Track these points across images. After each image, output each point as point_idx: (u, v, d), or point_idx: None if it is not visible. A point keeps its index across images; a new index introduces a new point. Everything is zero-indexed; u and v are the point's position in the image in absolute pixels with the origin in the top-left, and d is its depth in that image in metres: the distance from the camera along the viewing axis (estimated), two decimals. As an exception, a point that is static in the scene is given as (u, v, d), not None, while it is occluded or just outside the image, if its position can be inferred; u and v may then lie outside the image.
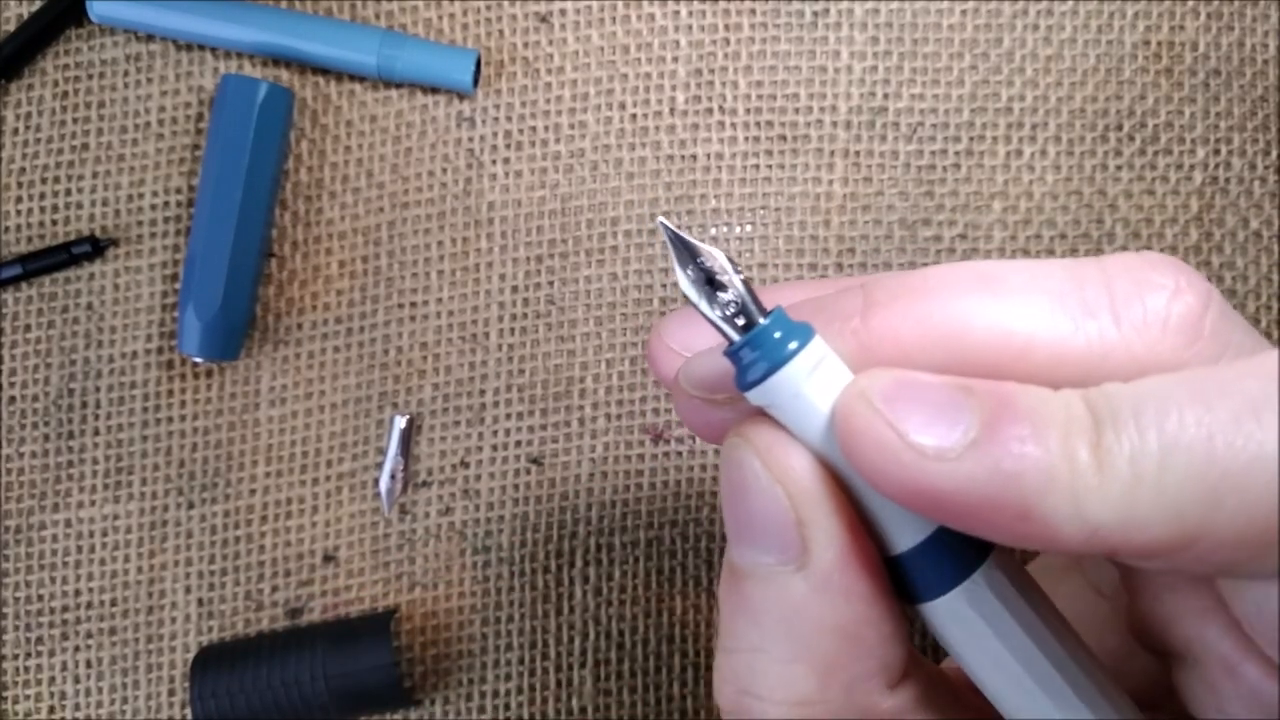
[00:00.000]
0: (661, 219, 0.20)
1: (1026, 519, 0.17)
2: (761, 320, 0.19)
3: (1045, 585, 0.24)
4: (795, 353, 0.18)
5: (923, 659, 0.21)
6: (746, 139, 0.38)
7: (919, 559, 0.19)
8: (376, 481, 0.37)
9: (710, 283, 0.19)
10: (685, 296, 0.19)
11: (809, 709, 0.19)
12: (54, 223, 0.38)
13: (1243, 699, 0.20)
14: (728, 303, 0.19)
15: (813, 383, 0.18)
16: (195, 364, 0.38)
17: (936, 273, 0.20)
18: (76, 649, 0.37)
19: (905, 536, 0.19)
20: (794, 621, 0.19)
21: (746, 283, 0.19)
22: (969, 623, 0.19)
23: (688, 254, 0.19)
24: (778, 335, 0.18)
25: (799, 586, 0.19)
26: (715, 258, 0.19)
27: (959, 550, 0.19)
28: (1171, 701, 0.22)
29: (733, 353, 0.19)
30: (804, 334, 0.19)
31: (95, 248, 0.38)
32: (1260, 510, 0.16)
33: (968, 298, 0.19)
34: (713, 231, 0.37)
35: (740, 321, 0.19)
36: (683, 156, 0.38)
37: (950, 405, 0.18)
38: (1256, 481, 0.16)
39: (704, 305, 0.19)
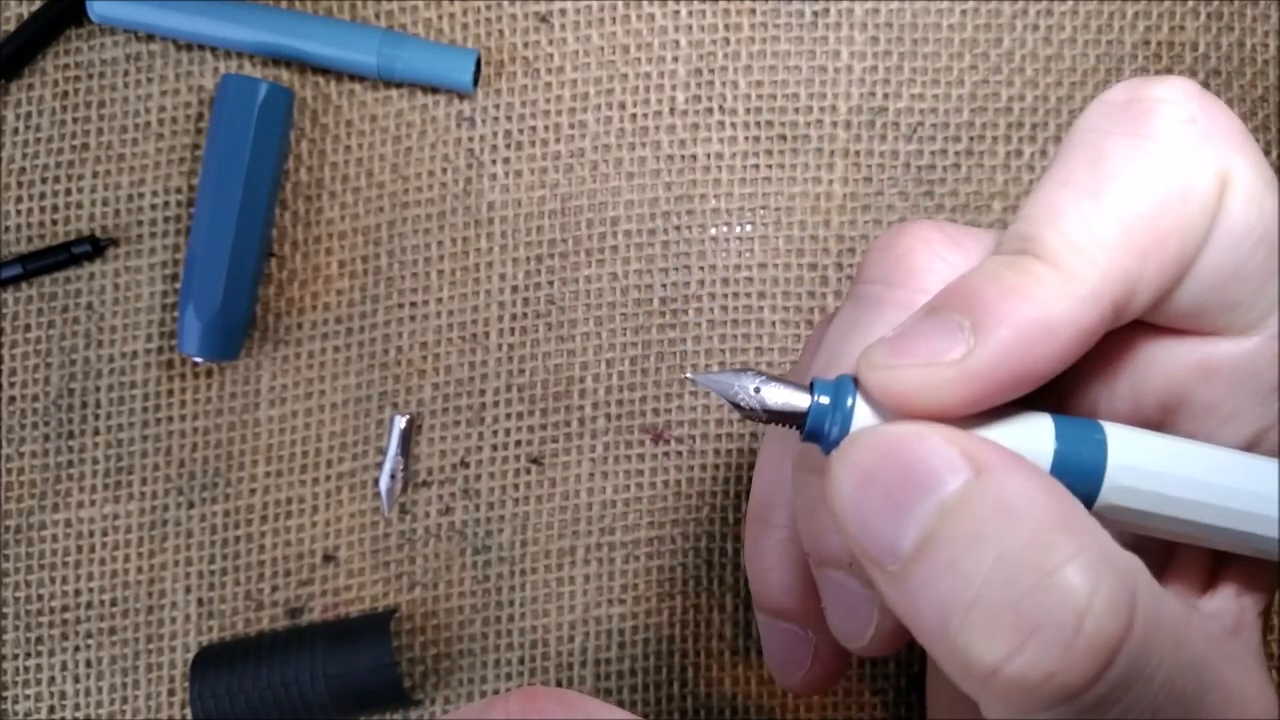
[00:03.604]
0: (689, 374, 0.23)
1: (1051, 333, 0.20)
2: (810, 397, 0.21)
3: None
4: (854, 403, 0.21)
5: None
6: (746, 139, 0.38)
7: (1063, 457, 0.21)
8: (376, 481, 0.37)
9: (757, 392, 0.21)
10: (753, 420, 0.21)
11: (1102, 569, 0.18)
12: (54, 223, 0.38)
13: (1233, 391, 0.23)
14: (779, 404, 0.21)
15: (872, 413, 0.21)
16: (195, 364, 0.38)
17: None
18: (76, 649, 0.37)
19: (1041, 443, 0.21)
20: (1013, 511, 0.18)
21: (778, 377, 0.21)
22: (1139, 498, 0.21)
23: (728, 387, 0.21)
24: (829, 400, 0.21)
25: (992, 482, 0.19)
26: (743, 377, 0.21)
27: (1083, 434, 0.21)
28: None
29: (810, 435, 0.21)
30: (845, 385, 0.21)
31: (95, 248, 0.38)
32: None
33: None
34: (712, 232, 0.37)
35: (792, 409, 0.21)
36: (683, 156, 0.38)
37: (937, 320, 0.20)
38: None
39: (765, 419, 0.21)
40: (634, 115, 0.38)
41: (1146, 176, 0.21)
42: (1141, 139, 0.21)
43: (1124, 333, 0.22)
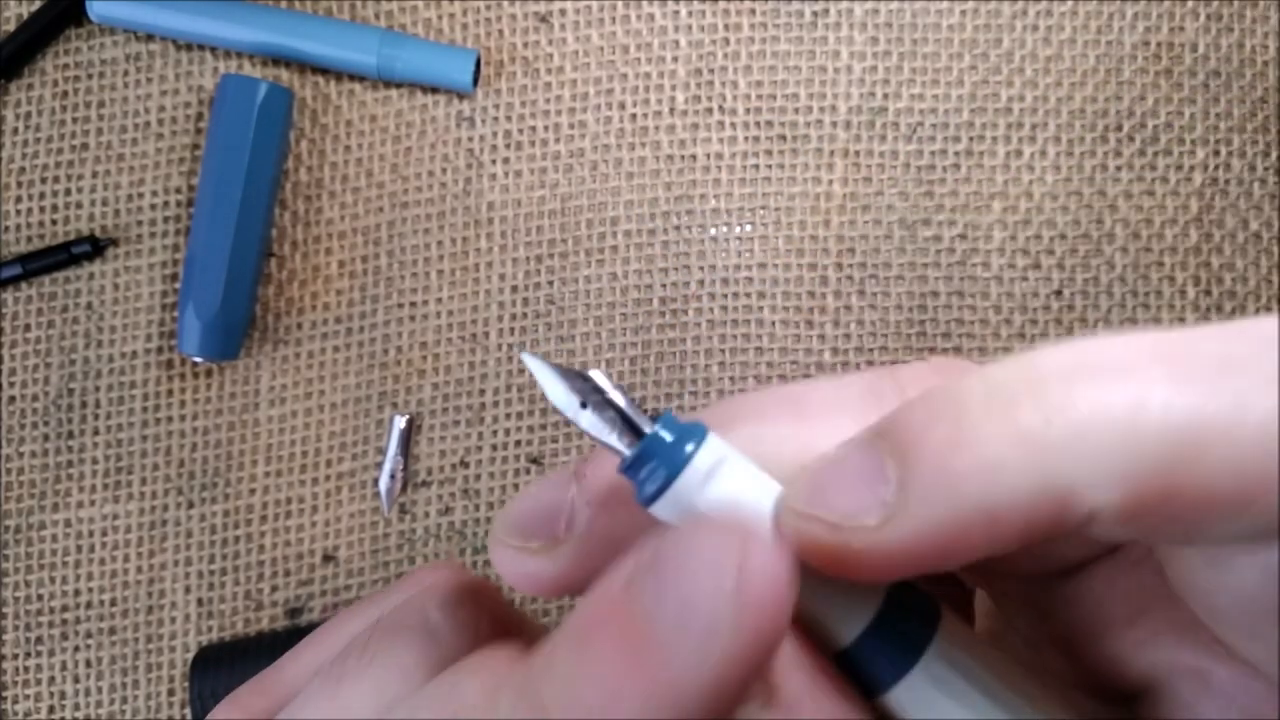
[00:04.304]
0: (525, 354, 0.19)
1: (995, 520, 0.16)
2: (650, 429, 0.17)
3: None
4: (693, 454, 0.17)
5: None
6: (746, 139, 0.38)
7: (873, 642, 0.18)
8: (376, 481, 0.37)
9: (585, 406, 0.18)
10: (568, 421, 0.18)
11: None
12: (54, 223, 0.38)
13: (1220, 708, 0.19)
14: (611, 419, 0.18)
15: (720, 482, 0.17)
16: (195, 364, 0.38)
17: (740, 401, 0.19)
18: (76, 649, 0.37)
19: (851, 622, 0.18)
20: None
21: (628, 395, 0.18)
22: (940, 696, 0.18)
23: (562, 384, 0.18)
24: (670, 440, 0.17)
25: None
26: (589, 379, 0.18)
27: (910, 621, 0.18)
28: None
29: (626, 468, 0.17)
30: (698, 433, 0.17)
31: (95, 248, 0.38)
32: (1244, 459, 0.15)
33: (774, 426, 0.19)
34: (712, 231, 0.37)
35: (625, 440, 0.18)
36: (683, 156, 0.38)
37: (867, 467, 0.17)
38: (1242, 434, 0.15)
39: (589, 428, 0.18)
40: (634, 115, 0.38)
41: None
42: None
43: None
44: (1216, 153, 0.37)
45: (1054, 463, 0.15)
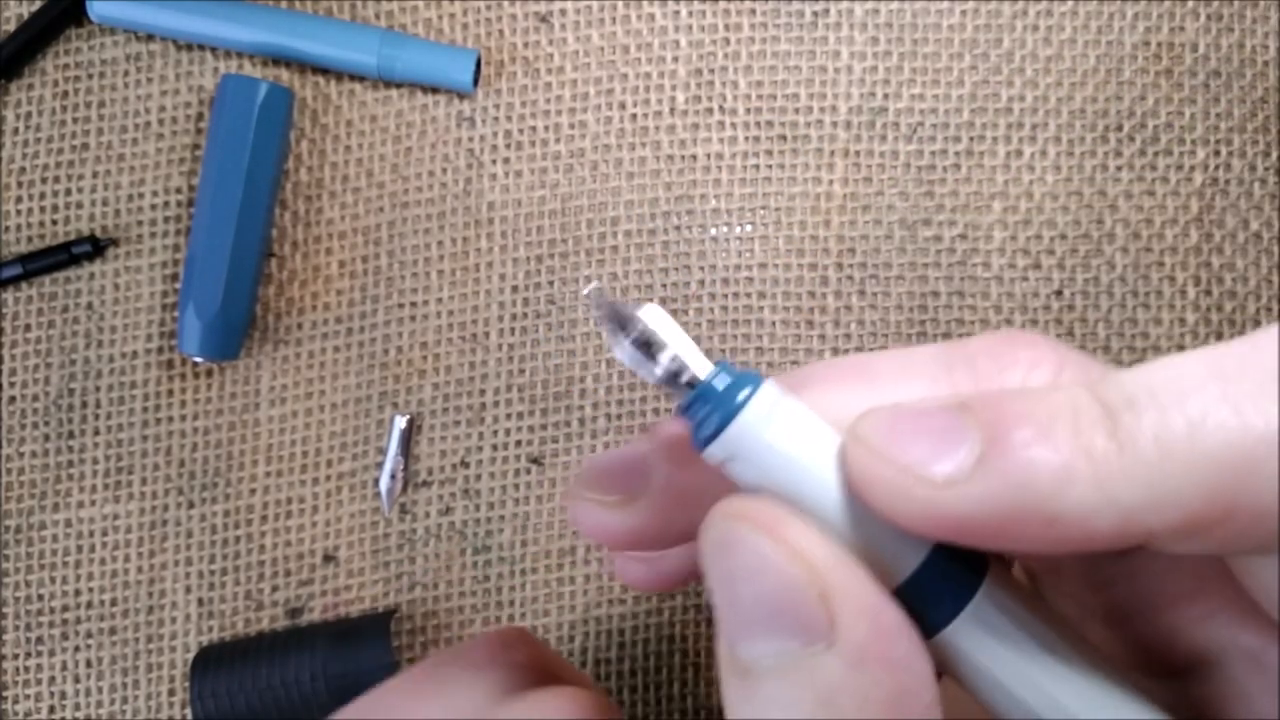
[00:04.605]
0: (592, 287, 0.19)
1: (1054, 522, 0.16)
2: (706, 372, 0.18)
3: None
4: (749, 399, 0.18)
5: None
6: (746, 139, 0.38)
7: (924, 583, 0.18)
8: (376, 481, 0.37)
9: (649, 345, 0.18)
10: (623, 364, 0.18)
11: None
12: (54, 223, 0.38)
13: (1271, 685, 0.20)
14: (671, 359, 0.18)
15: (773, 428, 0.18)
16: (195, 364, 0.38)
17: (809, 368, 0.20)
18: (76, 649, 0.37)
19: (905, 562, 0.18)
20: (834, 706, 0.17)
21: (687, 339, 0.18)
22: (990, 639, 0.19)
23: (619, 324, 0.19)
24: (727, 385, 0.18)
25: (833, 666, 0.17)
26: (651, 314, 0.18)
27: (960, 566, 0.19)
28: None
29: (684, 409, 0.18)
30: (754, 381, 0.18)
31: (95, 248, 0.38)
32: None
33: (844, 391, 0.19)
34: (713, 232, 0.37)
35: (686, 379, 0.18)
36: (683, 156, 0.38)
37: (950, 428, 0.17)
38: None
39: (643, 369, 0.18)
40: (634, 115, 0.38)
41: None
42: None
43: None
44: (1217, 153, 0.37)
45: (1121, 488, 0.16)
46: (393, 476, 0.37)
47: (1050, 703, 0.18)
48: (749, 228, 0.37)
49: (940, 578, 0.18)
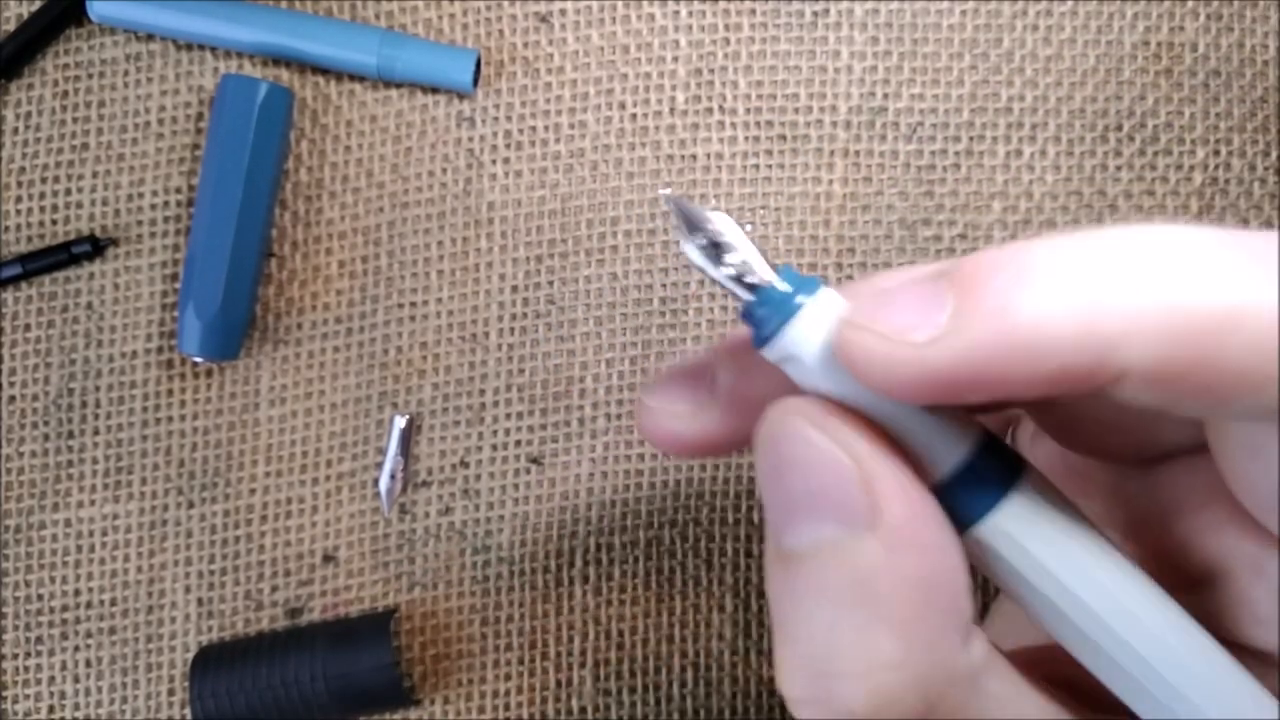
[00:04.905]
0: (665, 191, 0.20)
1: (1033, 355, 0.17)
2: (770, 276, 0.19)
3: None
4: (804, 304, 0.19)
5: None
6: (746, 139, 0.38)
7: (965, 479, 0.19)
8: (376, 481, 0.37)
9: (716, 247, 0.19)
10: (692, 264, 0.19)
11: (894, 674, 0.18)
12: (54, 222, 0.38)
13: (1272, 592, 0.20)
14: (738, 264, 0.19)
15: (826, 330, 0.19)
16: (195, 364, 0.38)
17: (877, 280, 0.20)
18: (76, 649, 0.37)
19: (947, 457, 0.19)
20: (870, 586, 0.18)
21: (754, 242, 0.19)
22: (1024, 535, 0.19)
23: (691, 224, 0.19)
24: (787, 289, 0.19)
25: (872, 549, 0.18)
26: (721, 221, 0.19)
27: (997, 465, 0.19)
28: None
29: (746, 313, 0.19)
30: (812, 285, 0.19)
31: (95, 247, 0.38)
32: (1272, 343, 0.16)
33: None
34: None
35: (750, 280, 0.19)
36: (683, 156, 0.38)
37: (927, 293, 0.18)
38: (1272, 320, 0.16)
39: (711, 270, 0.19)
40: (634, 115, 0.38)
41: None
42: None
43: None
44: (1216, 153, 0.37)
45: (1100, 319, 0.17)
46: (392, 476, 0.37)
47: (1073, 599, 0.19)
48: (749, 228, 0.37)
49: (979, 474, 0.19)
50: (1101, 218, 0.37)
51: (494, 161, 0.38)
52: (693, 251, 0.19)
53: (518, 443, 0.37)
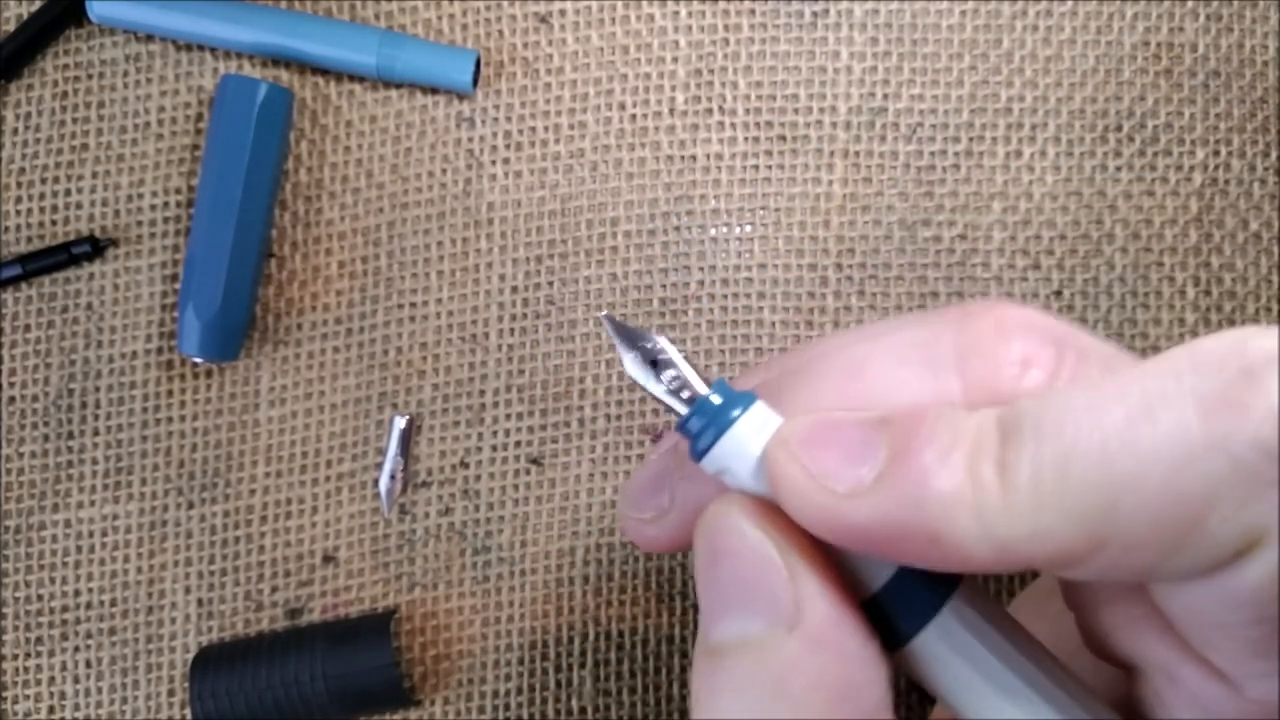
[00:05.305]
0: (604, 314, 0.21)
1: (935, 543, 0.17)
2: (704, 391, 0.20)
3: (1036, 604, 0.24)
4: (739, 416, 0.19)
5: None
6: (746, 139, 0.38)
7: (891, 597, 0.19)
8: (376, 481, 0.37)
9: (654, 364, 0.20)
10: (633, 379, 0.20)
11: None
12: (54, 223, 0.38)
13: (1186, 704, 0.20)
14: (673, 379, 0.20)
15: (761, 443, 0.19)
16: (195, 364, 0.38)
17: (808, 361, 0.21)
18: (76, 649, 0.37)
19: (877, 572, 0.20)
20: (786, 685, 0.18)
21: (688, 360, 0.20)
22: (953, 651, 0.19)
23: (630, 340, 0.21)
24: (721, 403, 0.20)
25: (791, 648, 0.18)
26: (656, 341, 0.20)
27: (929, 584, 0.20)
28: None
29: (682, 425, 0.20)
30: (746, 400, 0.20)
31: (95, 248, 0.38)
32: (1159, 509, 0.16)
33: (833, 392, 0.20)
34: (712, 232, 0.37)
35: (686, 395, 0.20)
36: (682, 156, 0.38)
37: (862, 442, 0.18)
38: (1150, 481, 0.16)
39: (651, 384, 0.20)
40: (634, 116, 0.38)
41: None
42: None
43: None
44: (1216, 153, 0.37)
45: (999, 521, 0.17)
46: (392, 477, 0.37)
47: (999, 716, 0.19)
48: (748, 228, 0.37)
49: (911, 591, 0.19)
50: (1101, 218, 0.37)
51: (494, 162, 0.38)
52: (631, 366, 0.20)
53: (518, 443, 0.37)
